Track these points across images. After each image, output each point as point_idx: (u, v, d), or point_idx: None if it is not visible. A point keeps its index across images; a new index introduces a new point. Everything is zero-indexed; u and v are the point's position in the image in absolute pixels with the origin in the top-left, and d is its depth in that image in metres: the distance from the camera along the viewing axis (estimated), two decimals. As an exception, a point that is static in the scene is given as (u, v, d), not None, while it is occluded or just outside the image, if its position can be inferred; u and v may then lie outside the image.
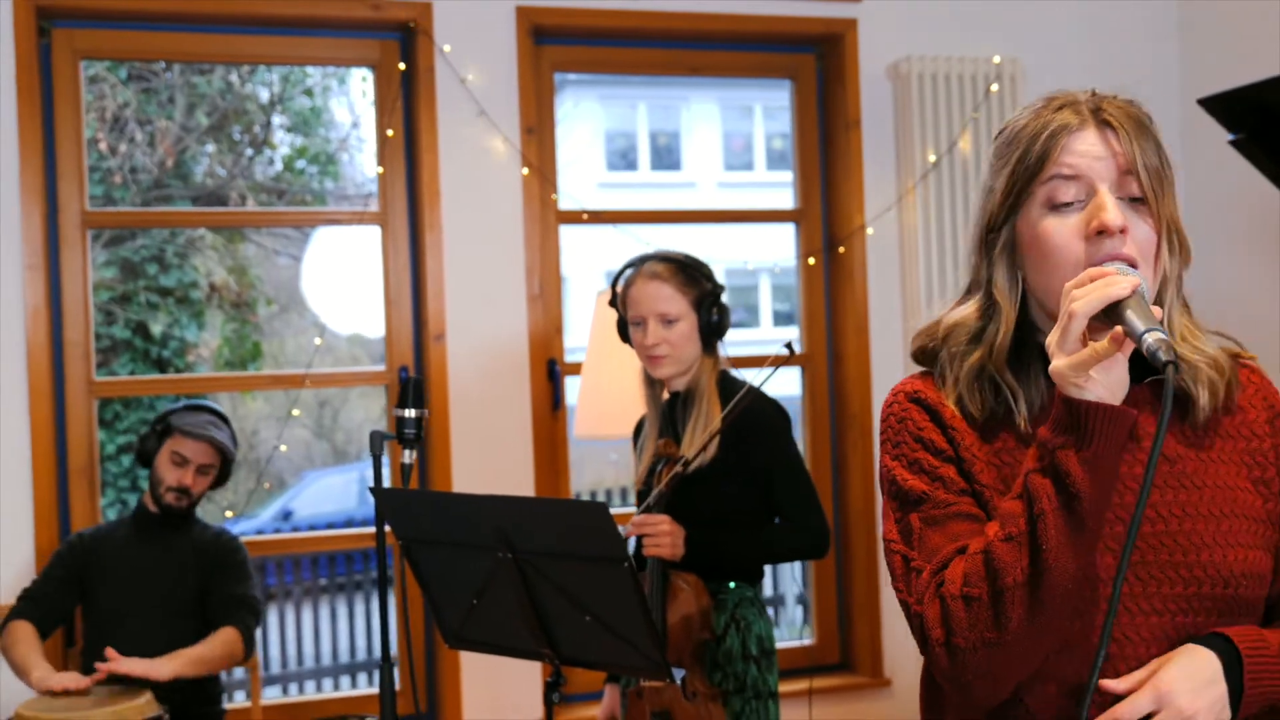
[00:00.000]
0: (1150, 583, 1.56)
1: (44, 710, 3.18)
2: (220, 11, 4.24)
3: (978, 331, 1.65)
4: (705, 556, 3.04)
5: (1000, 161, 1.64)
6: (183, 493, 3.78)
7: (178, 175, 9.05)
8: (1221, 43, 5.00)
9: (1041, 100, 1.65)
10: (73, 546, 3.78)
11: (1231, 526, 1.59)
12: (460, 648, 2.55)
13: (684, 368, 3.15)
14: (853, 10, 4.83)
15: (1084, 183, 1.57)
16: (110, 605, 3.72)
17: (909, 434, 1.64)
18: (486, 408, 4.42)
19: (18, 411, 3.99)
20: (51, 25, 4.14)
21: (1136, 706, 1.48)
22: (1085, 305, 1.43)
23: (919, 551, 1.58)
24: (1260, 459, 1.65)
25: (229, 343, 10.23)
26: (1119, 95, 1.65)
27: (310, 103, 9.55)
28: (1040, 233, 1.58)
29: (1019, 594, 1.46)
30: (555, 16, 4.52)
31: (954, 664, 1.51)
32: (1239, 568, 1.58)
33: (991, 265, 1.64)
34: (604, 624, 2.29)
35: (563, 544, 2.25)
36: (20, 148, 3.99)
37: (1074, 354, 1.45)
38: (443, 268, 4.40)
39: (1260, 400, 1.70)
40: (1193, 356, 1.63)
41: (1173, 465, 1.61)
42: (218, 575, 3.78)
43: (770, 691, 3.06)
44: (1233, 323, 5.05)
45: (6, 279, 3.98)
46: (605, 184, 17.75)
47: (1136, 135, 1.58)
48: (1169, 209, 1.60)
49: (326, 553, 9.79)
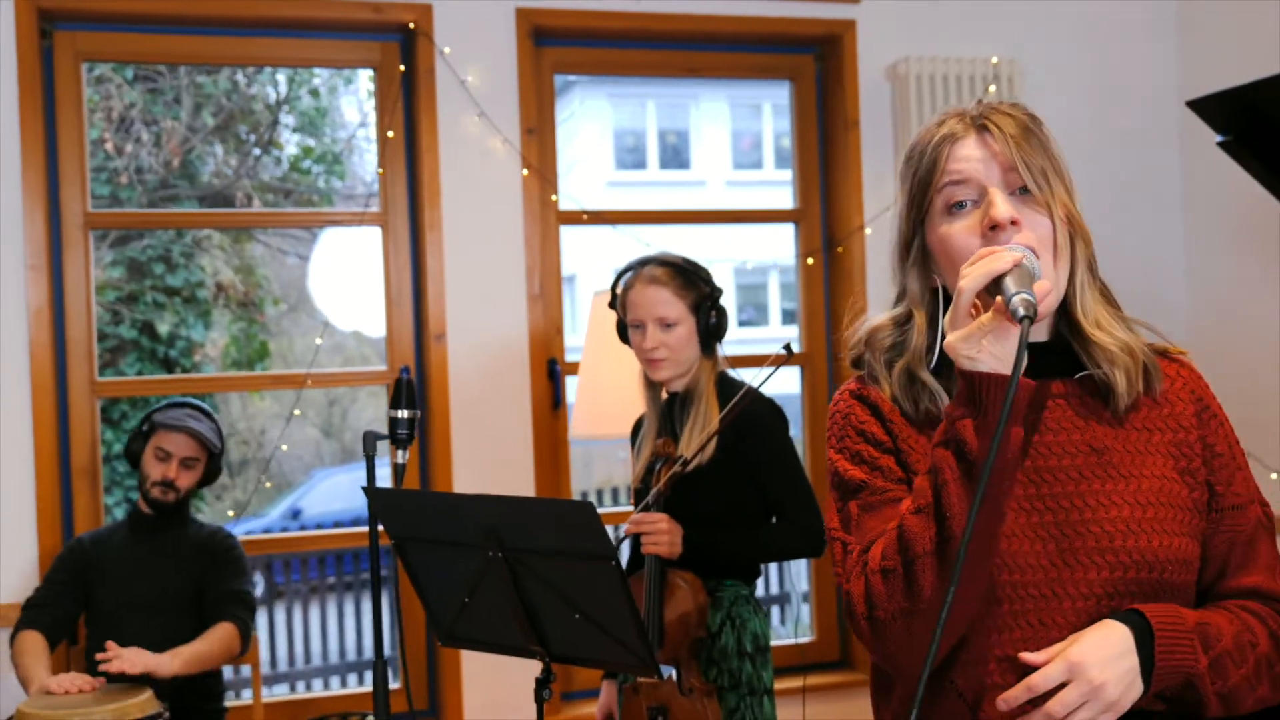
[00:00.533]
0: (1078, 569, 1.62)
1: (46, 707, 3.21)
2: (222, 14, 4.26)
3: (898, 338, 1.74)
4: (702, 555, 3.07)
5: (902, 178, 1.75)
6: (168, 487, 3.79)
7: (184, 175, 9.09)
8: (1220, 43, 5.00)
9: (937, 116, 1.74)
10: (73, 551, 3.81)
11: (1158, 514, 1.66)
12: (453, 645, 2.58)
13: (683, 370, 3.17)
14: (851, 11, 4.85)
15: (974, 184, 1.66)
16: (110, 606, 3.74)
17: (852, 428, 1.72)
18: (487, 407, 4.44)
19: (20, 411, 4.02)
20: (54, 28, 4.17)
21: (1049, 677, 1.55)
22: (971, 281, 1.52)
23: (854, 535, 1.65)
24: (1187, 450, 1.72)
25: (236, 342, 10.27)
26: (1005, 103, 1.73)
27: (316, 103, 9.58)
28: (942, 236, 1.68)
29: (929, 562, 1.52)
30: (555, 18, 4.54)
31: (876, 636, 1.59)
32: (1164, 554, 1.64)
33: (906, 275, 1.74)
34: (593, 621, 2.31)
35: (551, 542, 2.27)
36: (22, 150, 4.02)
37: (964, 327, 1.53)
38: (443, 268, 4.43)
39: (1188, 394, 1.77)
40: (1104, 340, 1.70)
41: (1100, 455, 1.67)
42: (213, 572, 3.80)
43: (765, 688, 3.09)
44: (1232, 321, 5.09)
45: (9, 280, 4.01)
46: (614, 182, 17.78)
47: (1016, 136, 1.66)
48: (1062, 200, 1.67)
49: (334, 551, 9.85)
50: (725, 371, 3.23)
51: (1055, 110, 4.87)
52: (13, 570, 3.98)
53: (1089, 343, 1.71)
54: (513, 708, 4.39)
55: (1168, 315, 5.00)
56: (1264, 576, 1.73)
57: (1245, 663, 1.64)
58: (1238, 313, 4.96)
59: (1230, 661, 1.62)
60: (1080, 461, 1.67)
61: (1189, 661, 1.59)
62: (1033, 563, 1.62)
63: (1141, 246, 5.11)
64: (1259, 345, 4.82)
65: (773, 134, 18.63)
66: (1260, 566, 1.73)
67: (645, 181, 18.23)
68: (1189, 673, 1.59)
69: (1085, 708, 1.54)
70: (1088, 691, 1.53)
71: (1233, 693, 1.63)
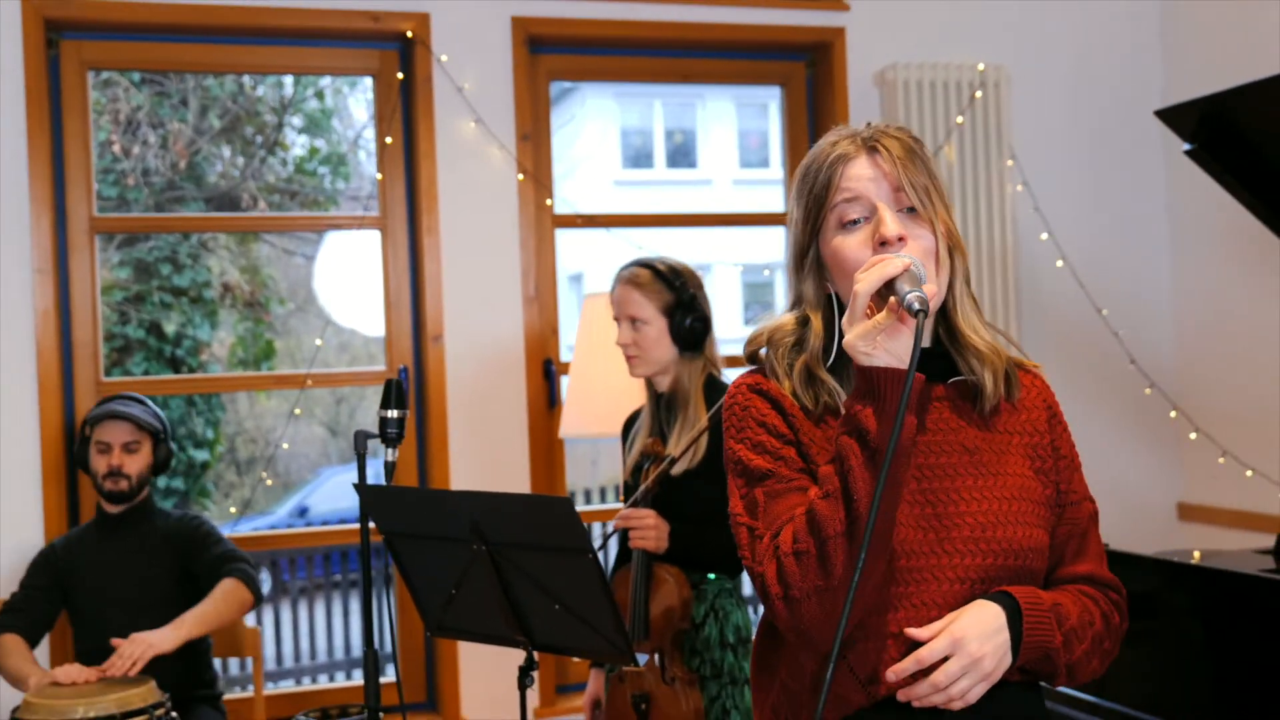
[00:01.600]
0: (955, 555, 1.78)
1: (52, 697, 3.32)
2: (224, 23, 4.37)
3: (798, 339, 1.86)
4: (687, 550, 3.17)
5: (798, 194, 1.86)
6: (117, 475, 3.82)
7: (190, 177, 9.22)
8: (1203, 52, 5.09)
9: (830, 136, 1.87)
10: (47, 557, 3.87)
11: (1020, 508, 1.84)
12: (442, 635, 2.69)
13: (656, 368, 3.28)
14: (841, 19, 4.95)
15: (864, 201, 1.79)
16: (92, 608, 3.80)
17: (753, 419, 1.84)
18: (484, 406, 4.55)
19: (28, 411, 4.13)
20: (59, 37, 4.29)
21: (934, 650, 1.72)
22: (865, 285, 1.67)
23: (761, 521, 1.79)
24: (1041, 451, 1.90)
25: (243, 342, 10.39)
26: (891, 126, 1.87)
27: (322, 105, 9.70)
28: (835, 248, 1.81)
29: (840, 543, 1.66)
30: (550, 26, 4.65)
31: (792, 614, 1.72)
32: (1026, 543, 1.82)
33: (802, 282, 1.87)
34: (572, 612, 2.43)
35: (532, 536, 2.39)
36: (29, 156, 4.13)
37: (859, 326, 1.67)
38: (441, 270, 4.53)
39: (1040, 402, 1.94)
40: (976, 343, 1.85)
41: (972, 455, 1.84)
42: (192, 552, 3.85)
43: (745, 678, 3.19)
44: (1217, 326, 5.18)
45: (16, 283, 4.12)
46: (621, 181, 17.86)
47: (902, 157, 1.80)
48: (943, 217, 1.81)
49: (339, 548, 9.95)
50: (714, 374, 3.33)
51: (1041, 116, 5.04)
52: (19, 563, 4.08)
53: (964, 347, 1.86)
54: (509, 701, 4.49)
55: (1153, 320, 5.16)
56: (1095, 565, 1.94)
57: (1085, 639, 1.85)
58: (1222, 317, 5.06)
59: (1075, 638, 1.83)
60: (955, 460, 1.83)
61: (1049, 637, 1.79)
62: (916, 549, 1.78)
63: (1126, 252, 5.22)
64: (1243, 349, 4.92)
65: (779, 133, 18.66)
66: (1092, 556, 1.95)
67: (652, 181, 18.30)
68: (1048, 647, 1.79)
69: (966, 677, 1.73)
70: (968, 664, 1.72)
71: (1076, 665, 1.84)
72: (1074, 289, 5.01)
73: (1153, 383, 5.06)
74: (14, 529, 4.11)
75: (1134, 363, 5.03)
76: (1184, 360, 5.23)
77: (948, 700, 1.74)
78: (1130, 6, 5.26)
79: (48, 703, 3.28)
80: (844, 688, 1.79)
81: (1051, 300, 5.10)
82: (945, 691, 1.73)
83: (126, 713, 3.27)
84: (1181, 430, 5.08)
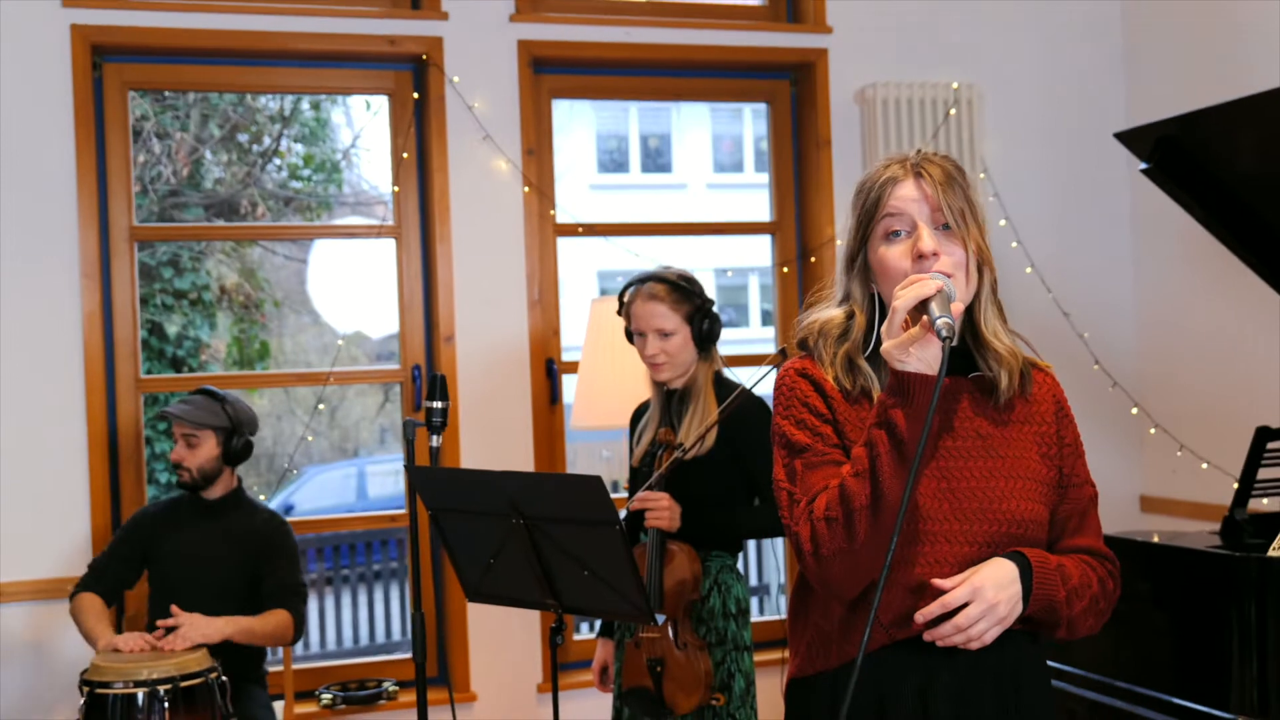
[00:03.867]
0: (966, 523, 2.10)
1: (116, 661, 3.66)
2: (252, 47, 4.69)
3: (844, 330, 2.19)
4: (697, 529, 3.52)
5: (853, 207, 2.19)
6: (178, 468, 4.15)
7: (191, 184, 9.52)
8: (1165, 71, 5.42)
9: (883, 160, 2.19)
10: (138, 523, 4.19)
11: (1024, 486, 2.16)
12: (478, 600, 3.03)
13: (681, 371, 3.62)
14: (824, 41, 5.29)
15: (907, 218, 2.11)
16: (167, 581, 4.12)
17: (797, 399, 2.17)
18: (491, 402, 4.88)
19: (76, 406, 4.46)
20: (103, 60, 4.61)
21: (957, 597, 2.04)
22: (903, 302, 1.97)
23: (799, 487, 2.11)
24: (1048, 439, 2.23)
25: (238, 342, 10.68)
26: (936, 154, 2.18)
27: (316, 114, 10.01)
28: (880, 257, 2.13)
29: (864, 514, 1.98)
30: (552, 49, 4.98)
31: (821, 569, 2.05)
32: (1028, 516, 2.15)
33: (851, 283, 2.20)
34: (599, 578, 2.77)
35: (565, 511, 2.73)
36: (77, 171, 4.46)
37: (896, 336, 1.98)
38: (452, 276, 4.86)
39: (1049, 396, 2.27)
40: (996, 345, 2.18)
41: (985, 441, 2.16)
42: (268, 561, 4.13)
43: (746, 645, 3.55)
44: (1177, 330, 5.49)
45: (66, 287, 4.45)
46: (597, 185, 18.06)
47: (943, 183, 2.11)
48: (975, 236, 2.12)
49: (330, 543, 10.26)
50: (720, 371, 3.68)
51: (1011, 132, 5.43)
52: (67, 547, 4.41)
53: (985, 347, 2.18)
54: (514, 675, 4.84)
55: (1117, 324, 5.54)
56: (1093, 540, 2.25)
57: (1084, 598, 2.16)
58: (1180, 321, 5.39)
59: (1076, 596, 2.14)
60: (970, 444, 2.15)
61: (1054, 591, 2.10)
62: (933, 515, 2.09)
63: (1091, 259, 5.56)
64: (1200, 351, 5.26)
65: (753, 137, 18.92)
66: (1090, 532, 2.26)
67: (627, 185, 18.48)
68: (1053, 600, 2.10)
69: (983, 621, 2.03)
70: (986, 609, 2.03)
71: (1075, 619, 2.16)
72: (1042, 294, 5.36)
73: (1115, 382, 5.41)
74: (62, 517, 4.43)
75: (1098, 363, 5.38)
76: (1144, 361, 5.56)
77: (967, 640, 2.04)
78: (1094, 30, 5.60)
79: (114, 665, 3.62)
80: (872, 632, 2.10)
81: (1021, 304, 5.37)
82: (965, 632, 2.03)
83: (185, 675, 3.61)
84: (1142, 426, 5.43)
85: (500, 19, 4.91)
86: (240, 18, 4.65)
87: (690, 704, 3.40)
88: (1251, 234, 3.92)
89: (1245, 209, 3.88)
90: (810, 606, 2.24)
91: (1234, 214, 3.90)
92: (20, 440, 4.40)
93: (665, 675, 3.41)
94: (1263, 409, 4.71)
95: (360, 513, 10.14)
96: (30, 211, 4.43)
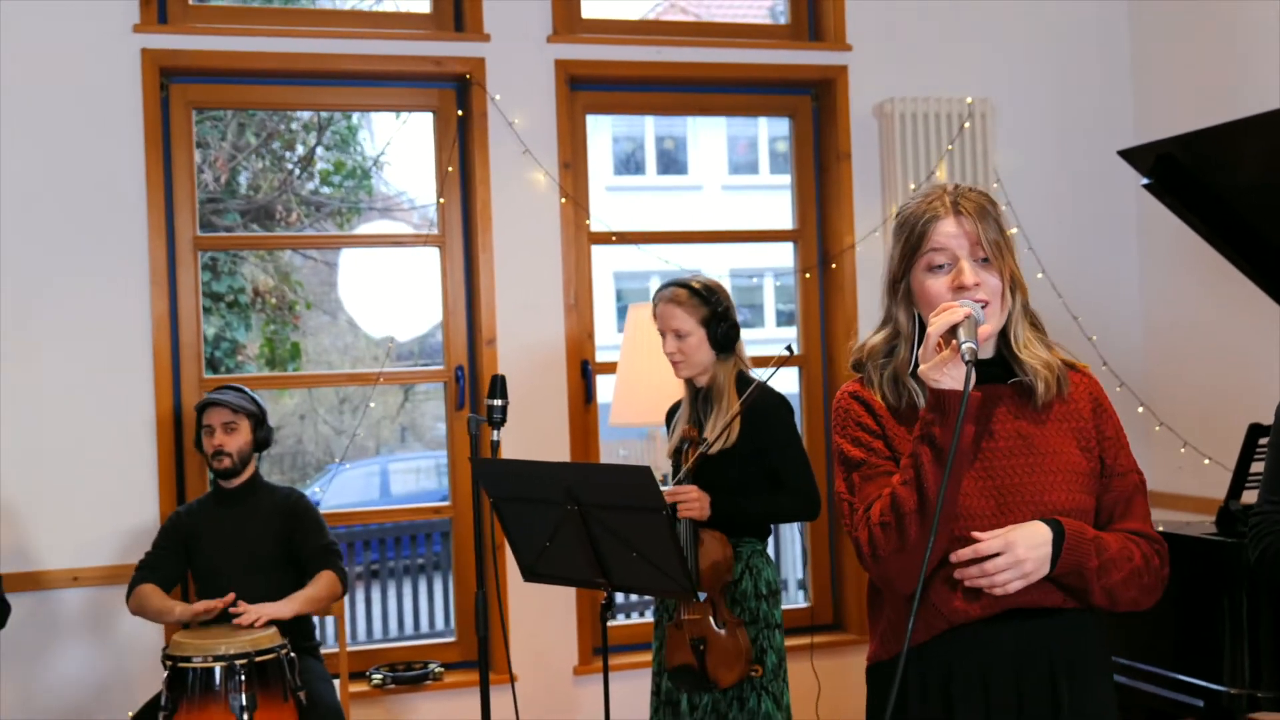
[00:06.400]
0: (1012, 515, 2.34)
1: (194, 637, 3.97)
2: (307, 68, 5.00)
3: (889, 351, 2.46)
4: (725, 516, 3.81)
5: (897, 237, 2.44)
6: (220, 453, 4.42)
7: (228, 191, 9.84)
8: (1171, 87, 5.67)
9: (922, 194, 2.43)
10: (174, 523, 4.50)
11: (1066, 479, 2.39)
12: (534, 580, 3.32)
13: (699, 370, 3.92)
14: (844, 58, 5.56)
15: (948, 253, 2.36)
16: (210, 567, 4.42)
17: (852, 420, 2.45)
18: (530, 401, 5.15)
19: (146, 404, 4.78)
20: (170, 81, 4.93)
21: (990, 546, 2.27)
22: (935, 329, 2.25)
23: (857, 498, 2.39)
24: (1086, 434, 2.45)
25: (269, 343, 10.98)
26: (972, 190, 2.42)
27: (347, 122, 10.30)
28: (924, 287, 2.38)
29: (913, 518, 2.25)
30: (587, 68, 5.28)
31: (879, 568, 2.33)
32: (1069, 505, 2.38)
33: (895, 307, 2.46)
34: (646, 559, 3.06)
35: (616, 498, 3.03)
36: (147, 185, 4.78)
37: (931, 359, 2.25)
38: (494, 282, 5.16)
39: (1086, 395, 2.49)
40: (1030, 360, 2.42)
41: (1026, 440, 2.40)
42: (299, 532, 4.43)
43: (776, 623, 3.85)
44: (1183, 335, 5.70)
45: (137, 293, 4.77)
46: (613, 187, 18.21)
47: (979, 218, 2.36)
48: (1009, 264, 2.39)
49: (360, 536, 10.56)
50: (744, 371, 3.97)
51: (1023, 144, 5.70)
52: (136, 535, 4.72)
53: (1019, 360, 2.43)
54: (549, 657, 5.16)
55: (1124, 327, 5.82)
56: (1140, 523, 2.46)
57: (1123, 570, 2.37)
58: (1184, 323, 5.65)
59: (1113, 566, 2.35)
60: (1012, 444, 2.38)
61: (1086, 560, 2.31)
62: (980, 512, 2.34)
63: (1099, 265, 5.82)
64: (1203, 352, 5.52)
65: (768, 139, 19.03)
66: (1137, 516, 2.46)
67: (643, 186, 18.62)
68: (1082, 566, 2.32)
69: (1008, 571, 2.26)
70: (1013, 562, 2.25)
71: (1114, 589, 2.35)
72: (1052, 298, 5.60)
73: (1122, 382, 5.67)
74: (133, 504, 4.76)
75: (1105, 364, 5.64)
76: (1150, 362, 5.83)
77: (990, 585, 2.26)
78: (1102, 47, 5.87)
79: (195, 641, 3.93)
80: (930, 616, 2.37)
81: (1032, 308, 5.68)
82: (990, 579, 2.25)
83: (259, 650, 3.92)
84: (1148, 425, 5.69)
85: (538, 40, 5.21)
86: (297, 41, 4.97)
87: (732, 677, 3.70)
88: (1249, 246, 4.15)
89: (1243, 223, 4.12)
90: (883, 601, 2.50)
91: (1232, 227, 4.14)
92: (94, 435, 4.73)
93: (708, 652, 3.70)
94: (1261, 408, 4.92)
95: (395, 505, 10.47)
96: (104, 223, 4.76)
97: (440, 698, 5.04)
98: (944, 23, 5.70)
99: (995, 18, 5.77)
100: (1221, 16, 5.32)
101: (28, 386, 4.67)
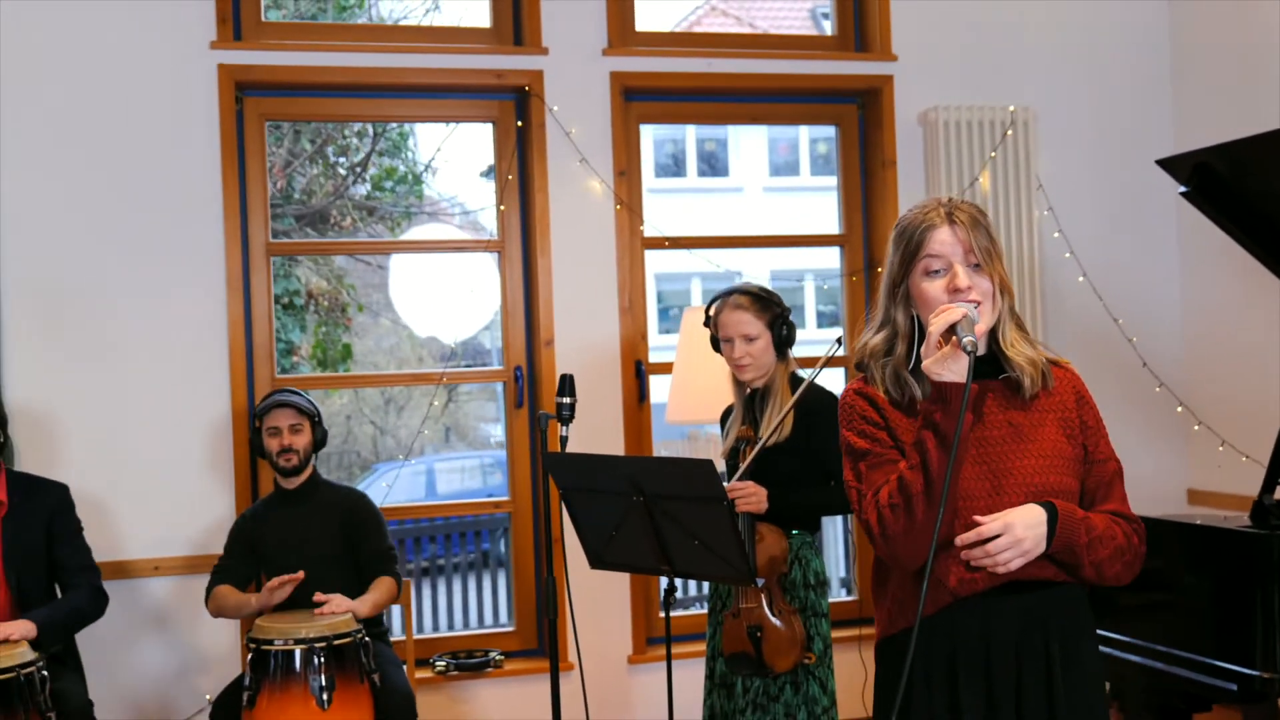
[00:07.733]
0: (1006, 496, 2.56)
1: (277, 621, 4.20)
2: (374, 81, 5.22)
3: (888, 350, 2.66)
4: (781, 509, 3.98)
5: (896, 244, 2.64)
6: (288, 451, 4.60)
7: (285, 196, 10.10)
8: (1209, 93, 5.80)
9: (919, 205, 2.64)
10: (240, 527, 4.69)
11: (1053, 462, 2.60)
12: (601, 568, 3.51)
13: (763, 372, 4.10)
14: (889, 68, 5.73)
15: (944, 259, 2.57)
16: (277, 566, 4.59)
17: (857, 414, 2.66)
18: (586, 400, 5.23)
19: (223, 401, 5.02)
20: (244, 95, 5.16)
21: (990, 528, 2.48)
22: (936, 327, 2.48)
23: (865, 484, 2.60)
24: (1071, 422, 2.66)
25: (321, 345, 11.23)
26: (964, 202, 2.63)
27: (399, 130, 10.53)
28: (922, 289, 2.59)
29: (920, 499, 2.47)
30: (641, 79, 5.47)
31: (889, 547, 2.54)
32: (1060, 486, 2.59)
33: (894, 308, 2.66)
34: (707, 547, 3.25)
35: (680, 489, 3.21)
36: (224, 194, 5.02)
37: (933, 355, 2.47)
38: (551, 285, 5.36)
39: (1069, 387, 2.70)
40: (1017, 357, 2.63)
41: (1016, 428, 2.61)
42: (360, 533, 4.62)
43: (824, 611, 4.03)
44: (1222, 339, 5.84)
45: (215, 296, 5.02)
46: (655, 189, 18.30)
47: (972, 227, 2.57)
48: (998, 269, 2.60)
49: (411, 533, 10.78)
50: (795, 371, 4.16)
51: (1064, 150, 5.87)
52: (212, 527, 4.97)
53: (1007, 357, 2.64)
54: (607, 647, 5.35)
55: (1163, 329, 5.99)
56: (1119, 505, 2.65)
57: (1108, 547, 2.58)
58: (1222, 325, 5.78)
59: (1099, 543, 2.56)
60: (1003, 432, 2.59)
61: (1076, 535, 2.53)
62: (978, 493, 2.55)
63: (1139, 268, 5.97)
64: (1241, 353, 5.65)
65: (809, 140, 19.08)
66: (1116, 499, 2.66)
67: (685, 189, 18.73)
68: (1074, 543, 2.53)
69: (1009, 550, 2.47)
70: (1013, 541, 2.47)
71: (1101, 564, 2.57)
72: (1093, 301, 5.78)
73: (1162, 383, 5.81)
74: (209, 500, 5.00)
75: (1145, 365, 5.79)
76: (1189, 363, 5.96)
77: (994, 564, 2.47)
78: (1141, 57, 6.01)
79: (277, 625, 4.15)
80: (935, 591, 2.58)
81: (1074, 311, 5.85)
82: (993, 558, 2.46)
83: (337, 634, 4.14)
84: (1187, 424, 5.83)
85: (594, 53, 5.41)
86: (363, 56, 5.20)
87: (787, 663, 3.88)
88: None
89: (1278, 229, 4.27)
90: (889, 579, 2.71)
91: (1268, 233, 4.28)
92: (174, 432, 4.97)
93: (764, 640, 3.88)
94: (1297, 407, 5.11)
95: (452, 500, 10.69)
96: (182, 231, 5.00)
97: (501, 684, 5.25)
98: (987, 33, 5.85)
99: (1037, 28, 5.92)
100: (1260, 27, 5.44)
101: (114, 387, 4.91)
